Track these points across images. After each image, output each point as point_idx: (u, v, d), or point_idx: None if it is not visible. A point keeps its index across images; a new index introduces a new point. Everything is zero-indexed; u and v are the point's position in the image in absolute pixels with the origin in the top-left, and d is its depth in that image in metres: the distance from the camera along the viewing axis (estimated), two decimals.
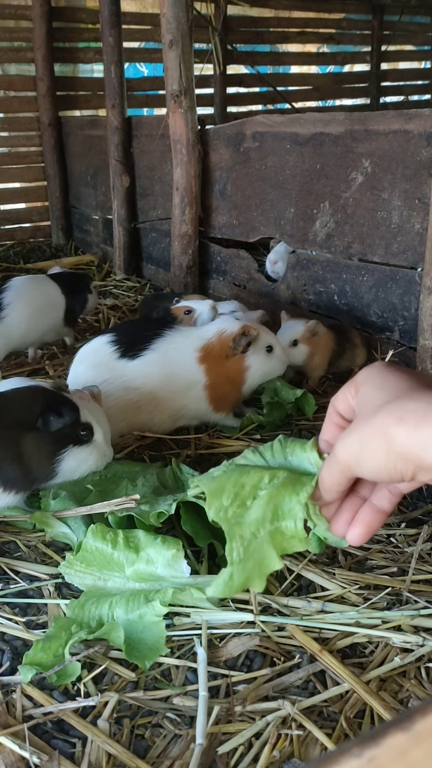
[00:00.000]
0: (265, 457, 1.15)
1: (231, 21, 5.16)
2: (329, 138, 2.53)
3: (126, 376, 1.93)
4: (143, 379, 1.92)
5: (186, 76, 2.94)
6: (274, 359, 2.01)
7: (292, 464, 1.12)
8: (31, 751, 1.01)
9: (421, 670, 1.16)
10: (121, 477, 1.60)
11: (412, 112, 2.25)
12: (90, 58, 4.57)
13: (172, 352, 1.95)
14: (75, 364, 2.02)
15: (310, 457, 0.99)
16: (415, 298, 2.31)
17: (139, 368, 1.93)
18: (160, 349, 1.95)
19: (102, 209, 4.21)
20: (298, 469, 1.06)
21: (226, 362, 1.96)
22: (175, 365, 1.94)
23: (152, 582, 1.28)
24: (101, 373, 1.94)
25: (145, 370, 1.93)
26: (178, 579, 1.27)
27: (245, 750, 1.02)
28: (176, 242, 3.25)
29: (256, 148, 2.88)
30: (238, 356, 1.96)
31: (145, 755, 1.01)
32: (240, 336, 1.93)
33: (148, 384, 1.93)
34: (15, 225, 4.64)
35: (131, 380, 1.92)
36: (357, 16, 6.08)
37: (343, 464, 0.83)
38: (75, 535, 1.44)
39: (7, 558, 1.46)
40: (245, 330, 1.94)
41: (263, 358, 1.99)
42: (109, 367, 1.94)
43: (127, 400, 1.93)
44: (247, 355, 1.97)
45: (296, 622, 1.24)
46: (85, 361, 2.00)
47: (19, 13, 4.23)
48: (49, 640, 1.16)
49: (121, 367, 1.93)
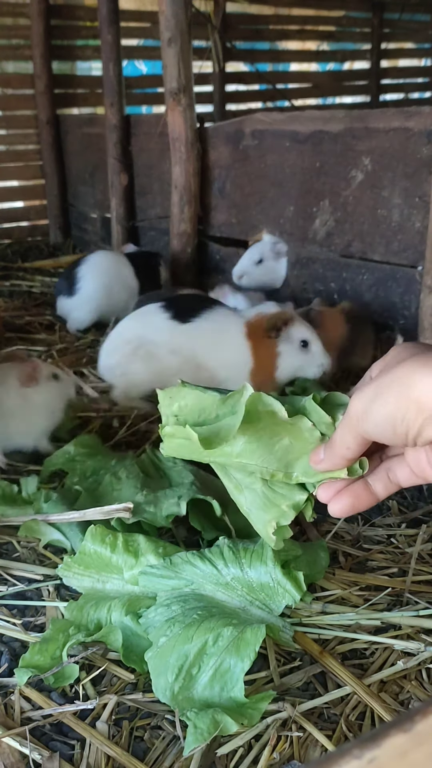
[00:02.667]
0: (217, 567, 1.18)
1: (230, 18, 5.15)
2: (329, 136, 2.52)
3: (174, 339, 1.98)
4: (191, 345, 1.97)
5: (185, 73, 2.93)
6: (309, 356, 1.99)
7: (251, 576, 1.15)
8: (31, 747, 1.00)
9: (422, 672, 1.15)
10: (99, 473, 1.58)
11: (412, 109, 2.24)
12: (88, 55, 4.55)
13: (223, 323, 2.00)
14: (125, 319, 2.11)
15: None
16: (416, 297, 2.31)
17: (189, 332, 1.98)
18: (211, 318, 2.00)
19: (100, 208, 4.20)
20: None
21: (264, 343, 1.98)
22: (224, 336, 1.99)
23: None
24: (149, 332, 2.00)
25: (194, 335, 1.98)
26: None
27: (245, 752, 1.01)
28: (175, 241, 3.23)
29: (255, 146, 2.87)
30: (272, 340, 1.97)
31: (144, 757, 1.01)
32: (276, 317, 1.95)
33: (195, 350, 1.97)
34: (12, 223, 4.62)
35: (178, 344, 1.98)
36: (357, 13, 6.06)
37: (352, 417, 0.77)
38: (69, 540, 1.43)
39: (5, 559, 1.45)
40: (282, 313, 1.97)
41: (295, 350, 1.98)
42: (158, 327, 2.00)
43: (168, 364, 1.97)
44: (279, 341, 1.97)
45: (296, 622, 1.24)
46: (134, 317, 2.08)
47: (17, 10, 4.21)
48: (47, 643, 1.15)
49: (170, 329, 1.98)
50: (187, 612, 1.11)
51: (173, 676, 1.03)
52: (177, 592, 1.17)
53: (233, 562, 1.18)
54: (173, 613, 1.12)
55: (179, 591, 1.17)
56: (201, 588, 1.17)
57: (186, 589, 1.17)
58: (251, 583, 1.17)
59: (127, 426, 2.07)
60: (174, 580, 1.19)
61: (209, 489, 1.48)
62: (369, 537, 1.52)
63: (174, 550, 1.25)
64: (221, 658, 1.03)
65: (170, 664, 1.04)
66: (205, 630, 1.05)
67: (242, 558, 1.18)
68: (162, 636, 1.08)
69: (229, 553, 1.19)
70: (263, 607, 1.15)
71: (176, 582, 1.19)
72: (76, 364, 2.56)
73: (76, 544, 1.39)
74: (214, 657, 1.03)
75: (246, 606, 1.15)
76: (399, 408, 0.70)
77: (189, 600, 1.14)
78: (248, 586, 1.17)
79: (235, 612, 1.13)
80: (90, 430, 2.04)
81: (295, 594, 1.15)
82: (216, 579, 1.18)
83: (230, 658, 1.02)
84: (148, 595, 1.21)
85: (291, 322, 1.96)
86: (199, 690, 1.02)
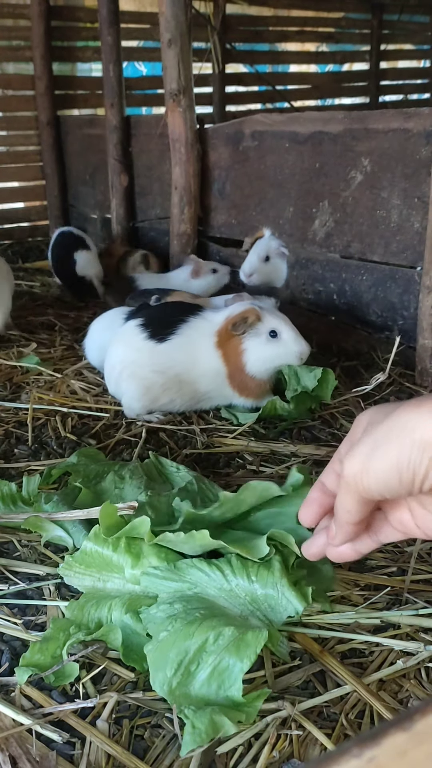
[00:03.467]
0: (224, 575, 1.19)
1: (230, 20, 5.16)
2: (328, 137, 2.52)
3: (154, 359, 2.03)
4: (170, 362, 2.02)
5: (185, 75, 2.93)
6: (281, 344, 2.01)
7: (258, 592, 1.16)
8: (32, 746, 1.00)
9: (421, 671, 1.15)
10: (103, 476, 1.59)
11: (411, 110, 2.24)
12: (88, 56, 4.56)
13: (195, 336, 2.05)
14: (111, 344, 2.15)
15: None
16: (415, 297, 2.31)
17: (167, 352, 2.03)
18: (185, 333, 2.04)
19: (101, 208, 4.20)
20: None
21: (230, 346, 2.02)
22: (197, 349, 2.03)
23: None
24: (129, 354, 2.06)
25: (172, 353, 2.03)
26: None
27: (244, 750, 1.01)
28: (175, 241, 3.24)
29: (255, 147, 2.87)
30: (237, 338, 2.00)
31: (145, 756, 1.01)
32: (239, 318, 1.98)
33: (175, 367, 2.03)
34: (13, 224, 4.63)
35: (158, 363, 2.03)
36: (356, 14, 6.07)
37: (349, 479, 0.74)
38: (72, 538, 1.43)
39: (5, 558, 1.45)
40: (245, 312, 1.98)
41: (263, 343, 2.00)
42: (137, 348, 2.05)
43: (153, 381, 2.03)
44: (244, 338, 2.00)
45: (296, 622, 1.24)
46: (117, 340, 2.12)
47: (17, 11, 4.22)
48: (47, 642, 1.15)
49: (149, 350, 2.04)
50: (189, 610, 1.11)
51: (172, 671, 1.03)
52: (179, 594, 1.17)
53: (240, 570, 1.18)
54: (175, 611, 1.12)
55: (182, 593, 1.18)
56: (204, 592, 1.18)
57: (189, 591, 1.18)
58: (255, 592, 1.18)
59: (127, 427, 2.07)
60: (177, 583, 1.19)
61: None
62: None
63: (174, 557, 1.25)
64: (221, 656, 1.03)
65: (169, 659, 1.04)
66: (207, 628, 1.05)
67: (249, 567, 1.19)
68: (163, 631, 1.08)
69: (237, 562, 1.19)
70: (264, 619, 1.16)
71: (179, 585, 1.19)
72: (75, 364, 2.56)
73: (79, 542, 1.39)
74: (213, 655, 1.03)
75: (247, 615, 1.15)
76: (402, 453, 0.68)
77: (192, 600, 1.15)
78: (252, 596, 1.17)
79: (236, 620, 1.14)
80: (92, 434, 2.04)
81: (298, 605, 1.16)
82: (220, 585, 1.18)
83: (230, 657, 1.03)
84: (148, 594, 1.21)
85: (256, 318, 1.98)
86: (196, 687, 1.03)
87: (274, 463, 1.85)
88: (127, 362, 2.06)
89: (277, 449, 1.91)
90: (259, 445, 1.93)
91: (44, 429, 2.05)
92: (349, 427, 2.00)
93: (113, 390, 2.16)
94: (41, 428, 2.06)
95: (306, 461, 1.84)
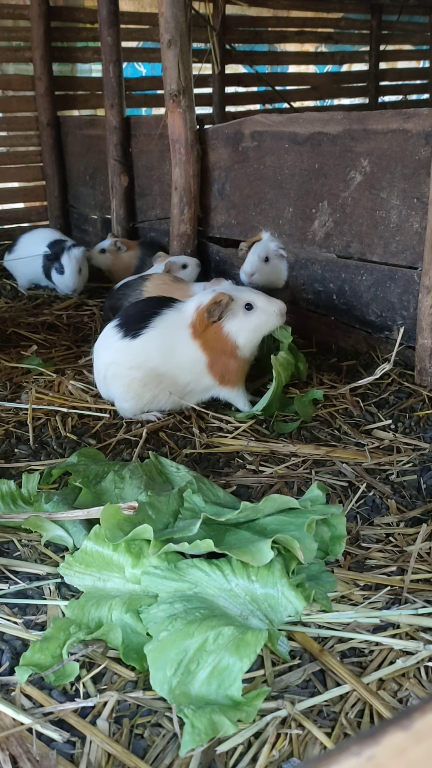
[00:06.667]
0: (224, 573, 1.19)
1: (229, 20, 5.16)
2: (328, 137, 2.53)
3: (130, 356, 2.04)
4: (145, 357, 2.03)
5: (184, 75, 2.93)
6: (258, 313, 2.02)
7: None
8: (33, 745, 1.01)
9: (420, 670, 1.16)
10: (103, 476, 1.59)
11: (410, 111, 2.24)
12: (88, 57, 4.56)
13: (169, 328, 2.05)
14: (94, 350, 2.20)
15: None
16: (414, 297, 2.31)
17: (141, 346, 2.03)
18: (159, 326, 2.05)
19: (101, 209, 4.20)
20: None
21: (210, 333, 2.02)
22: (172, 341, 2.04)
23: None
24: (109, 355, 2.08)
25: (147, 347, 2.04)
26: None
27: (244, 749, 1.01)
28: (175, 242, 3.24)
29: (254, 148, 2.88)
30: (216, 325, 2.02)
31: (145, 755, 1.01)
32: (211, 305, 1.99)
33: (149, 361, 2.03)
34: (14, 225, 4.63)
35: (135, 360, 2.04)
36: (355, 15, 6.07)
37: None
38: (72, 537, 1.43)
39: (6, 558, 1.45)
40: (215, 299, 2.00)
41: (242, 318, 2.02)
42: (115, 348, 2.07)
43: (132, 377, 2.04)
44: (223, 321, 2.01)
45: (296, 621, 1.24)
46: (98, 345, 2.16)
47: (17, 12, 4.22)
48: (47, 641, 1.16)
49: (125, 348, 2.05)
50: (189, 610, 1.12)
51: (172, 670, 1.03)
52: (180, 593, 1.18)
53: (240, 570, 1.19)
54: (176, 610, 1.12)
55: (182, 593, 1.18)
56: (204, 592, 1.18)
57: (189, 591, 1.18)
58: (255, 591, 1.18)
59: (127, 427, 2.07)
60: (177, 582, 1.19)
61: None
62: (368, 536, 1.53)
63: (175, 557, 1.25)
64: (220, 656, 1.03)
65: (169, 658, 1.04)
66: (207, 627, 1.06)
67: (250, 567, 1.19)
68: (163, 630, 1.08)
69: (237, 562, 1.20)
70: (264, 619, 1.16)
71: (179, 584, 1.19)
72: (75, 364, 2.56)
73: (79, 541, 1.39)
74: (213, 654, 1.04)
75: (247, 615, 1.16)
76: None
77: (192, 600, 1.15)
78: (252, 595, 1.18)
79: (236, 619, 1.14)
80: (92, 434, 2.05)
81: (298, 605, 1.16)
82: (220, 584, 1.18)
83: (230, 656, 1.03)
84: (149, 594, 1.21)
85: (229, 298, 2.00)
86: (196, 686, 1.03)
87: (274, 462, 1.85)
88: (109, 364, 2.08)
89: (277, 449, 1.91)
90: (258, 444, 1.94)
91: (44, 429, 2.05)
92: (349, 427, 2.01)
93: (104, 394, 2.19)
94: (41, 428, 2.06)
95: (306, 461, 1.85)
